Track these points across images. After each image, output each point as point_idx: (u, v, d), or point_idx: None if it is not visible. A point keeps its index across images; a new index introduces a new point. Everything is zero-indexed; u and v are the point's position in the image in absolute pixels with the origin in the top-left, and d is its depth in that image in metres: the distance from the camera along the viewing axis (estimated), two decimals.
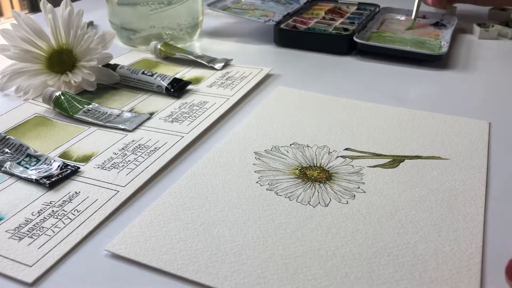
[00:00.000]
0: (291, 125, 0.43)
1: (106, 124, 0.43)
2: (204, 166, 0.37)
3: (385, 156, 0.38)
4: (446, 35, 0.65)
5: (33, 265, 0.28)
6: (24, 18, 0.48)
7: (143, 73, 0.51)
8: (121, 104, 0.48)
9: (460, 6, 0.78)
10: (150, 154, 0.39)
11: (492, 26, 0.68)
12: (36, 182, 0.35)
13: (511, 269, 0.27)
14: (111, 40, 0.52)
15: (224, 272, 0.27)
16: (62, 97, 0.45)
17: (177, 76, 0.54)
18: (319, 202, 0.33)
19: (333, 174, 0.36)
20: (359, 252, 0.28)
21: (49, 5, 0.49)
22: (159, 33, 0.62)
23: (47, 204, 0.33)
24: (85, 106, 0.45)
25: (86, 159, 0.38)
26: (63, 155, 0.39)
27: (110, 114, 0.45)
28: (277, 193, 0.34)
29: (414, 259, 0.28)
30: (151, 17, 0.61)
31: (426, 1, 0.75)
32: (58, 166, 0.36)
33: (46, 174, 0.35)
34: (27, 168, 0.37)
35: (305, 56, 0.61)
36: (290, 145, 0.40)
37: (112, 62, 0.53)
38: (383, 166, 0.37)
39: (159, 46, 0.59)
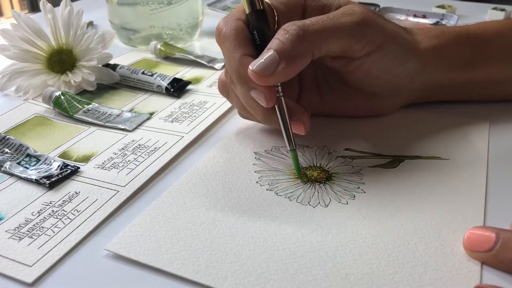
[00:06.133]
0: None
1: (106, 124, 0.43)
2: (204, 166, 0.37)
3: (385, 156, 0.38)
4: None
5: (33, 265, 0.28)
6: (24, 18, 0.48)
7: (143, 73, 0.51)
8: (121, 104, 0.48)
9: (460, 6, 0.78)
10: (150, 154, 0.38)
11: None
12: (36, 182, 0.35)
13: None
14: (111, 40, 0.52)
15: (224, 272, 0.27)
16: (62, 97, 0.45)
17: (177, 76, 0.54)
18: (319, 203, 0.33)
19: (333, 174, 0.36)
20: (359, 253, 0.28)
21: (48, 5, 0.49)
22: (159, 33, 0.62)
23: (47, 204, 0.33)
24: (85, 106, 0.45)
25: (86, 159, 0.38)
26: (63, 155, 0.39)
27: (110, 114, 0.45)
28: (277, 193, 0.34)
29: (414, 260, 0.28)
30: (151, 17, 0.61)
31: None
32: (58, 166, 0.36)
33: (46, 174, 0.35)
34: (27, 168, 0.36)
35: None
36: None
37: (112, 62, 0.53)
38: (383, 166, 0.37)
39: (159, 46, 0.59)
